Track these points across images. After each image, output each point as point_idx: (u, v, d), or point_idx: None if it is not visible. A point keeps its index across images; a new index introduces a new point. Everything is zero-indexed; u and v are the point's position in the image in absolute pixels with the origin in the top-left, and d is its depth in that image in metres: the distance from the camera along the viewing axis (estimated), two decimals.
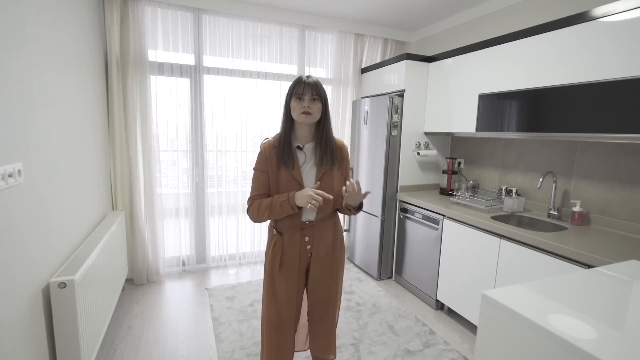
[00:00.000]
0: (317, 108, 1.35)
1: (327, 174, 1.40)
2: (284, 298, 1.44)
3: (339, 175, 1.45)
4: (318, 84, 1.35)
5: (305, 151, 1.41)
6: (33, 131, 1.41)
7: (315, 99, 1.34)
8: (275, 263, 1.43)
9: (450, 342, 2.17)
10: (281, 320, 1.45)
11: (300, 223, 1.41)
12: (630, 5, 1.59)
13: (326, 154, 1.39)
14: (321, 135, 1.40)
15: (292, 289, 1.44)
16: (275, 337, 1.46)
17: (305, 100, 1.32)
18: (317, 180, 1.38)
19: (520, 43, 2.13)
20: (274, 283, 1.45)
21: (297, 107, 1.33)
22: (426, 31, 3.35)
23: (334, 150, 1.42)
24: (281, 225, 1.43)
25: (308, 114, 1.33)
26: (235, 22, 2.96)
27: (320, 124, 1.40)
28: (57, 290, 1.46)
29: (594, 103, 1.73)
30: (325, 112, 1.38)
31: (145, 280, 2.88)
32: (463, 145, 3.01)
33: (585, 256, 1.57)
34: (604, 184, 2.03)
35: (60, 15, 1.75)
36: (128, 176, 2.74)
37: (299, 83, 1.33)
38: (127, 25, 2.59)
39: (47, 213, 1.52)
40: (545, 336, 0.79)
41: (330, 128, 1.43)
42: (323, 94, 1.36)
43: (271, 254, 1.45)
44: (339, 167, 1.45)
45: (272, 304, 1.46)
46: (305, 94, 1.32)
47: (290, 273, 1.43)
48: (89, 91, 2.19)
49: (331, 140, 1.42)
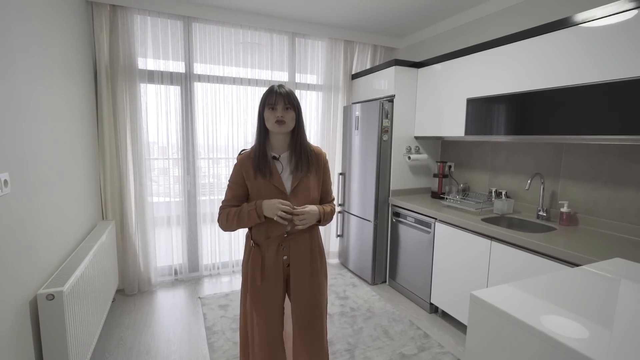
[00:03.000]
0: (291, 117, 1.36)
1: (304, 181, 1.40)
2: (272, 312, 1.41)
3: (315, 182, 1.44)
4: (290, 93, 1.36)
5: (282, 161, 1.41)
6: (20, 141, 1.40)
7: (289, 108, 1.34)
8: (256, 275, 1.40)
9: (444, 345, 2.17)
10: (272, 337, 1.41)
11: (277, 235, 1.39)
12: (610, 11, 1.64)
13: (301, 161, 1.40)
14: (295, 143, 1.40)
15: (275, 299, 1.42)
16: (269, 356, 1.41)
17: (278, 110, 1.33)
18: (294, 188, 1.38)
19: (505, 49, 2.18)
20: (258, 297, 1.41)
21: (270, 117, 1.34)
22: (414, 37, 3.41)
23: (309, 157, 1.42)
24: (257, 237, 1.42)
25: (282, 122, 1.33)
26: (226, 30, 2.98)
27: (294, 133, 1.41)
28: (45, 302, 1.44)
29: (576, 106, 1.78)
30: (298, 121, 1.39)
31: (137, 291, 2.84)
32: (453, 149, 3.05)
33: (573, 255, 1.59)
34: (589, 185, 2.07)
35: (48, 24, 1.74)
36: (118, 185, 2.72)
37: (271, 93, 1.34)
38: (117, 34, 2.59)
39: (34, 223, 1.50)
40: (534, 335, 0.80)
41: (305, 135, 1.44)
42: (296, 103, 1.37)
43: (250, 266, 1.42)
44: (316, 174, 1.44)
45: (260, 320, 1.41)
46: (277, 103, 1.33)
47: (273, 285, 1.41)
48: (77, 100, 2.17)
49: (306, 147, 1.42)
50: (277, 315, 1.44)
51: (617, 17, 1.62)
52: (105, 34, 2.55)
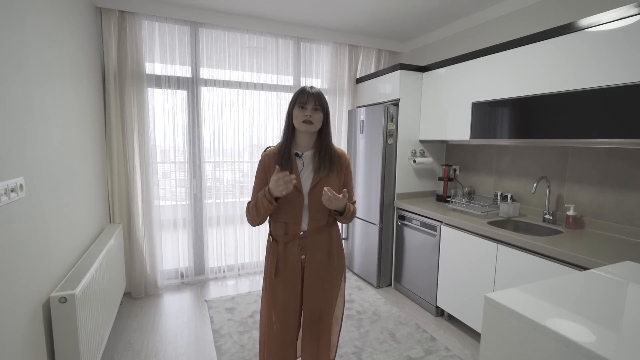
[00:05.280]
0: (319, 118, 1.39)
1: (324, 180, 1.42)
2: (284, 306, 1.44)
3: (337, 182, 1.46)
4: (320, 94, 1.39)
5: (304, 159, 1.44)
6: (33, 145, 1.42)
7: (317, 109, 1.38)
8: (272, 269, 1.44)
9: (451, 348, 2.17)
10: (281, 329, 1.45)
11: (294, 233, 1.42)
12: (616, 16, 1.66)
13: (324, 162, 1.42)
14: (321, 144, 1.43)
15: (291, 297, 1.44)
16: (275, 346, 1.45)
17: (307, 110, 1.37)
18: (312, 186, 1.40)
19: (510, 53, 2.20)
20: (273, 290, 1.46)
21: (299, 115, 1.37)
22: (419, 42, 3.43)
23: (333, 158, 1.45)
24: (275, 233, 1.46)
25: (309, 122, 1.37)
26: (232, 35, 3.01)
27: (321, 133, 1.44)
28: (58, 305, 1.45)
29: (581, 110, 1.79)
30: (326, 122, 1.43)
31: (144, 294, 2.85)
32: (458, 152, 3.06)
33: (580, 259, 1.60)
34: (595, 188, 2.08)
35: (59, 30, 1.77)
36: (125, 188, 2.74)
37: (303, 93, 1.38)
38: (125, 39, 2.62)
39: (47, 227, 1.52)
40: (550, 336, 0.81)
41: (330, 137, 1.47)
42: (325, 105, 1.41)
43: (269, 261, 1.47)
44: (337, 175, 1.46)
45: (272, 311, 1.46)
46: (308, 103, 1.36)
47: (288, 281, 1.44)
48: (86, 105, 2.20)
49: (331, 148, 1.45)
50: (293, 314, 1.46)
51: (622, 22, 1.64)
52: (114, 39, 2.58)
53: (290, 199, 1.38)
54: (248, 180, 3.30)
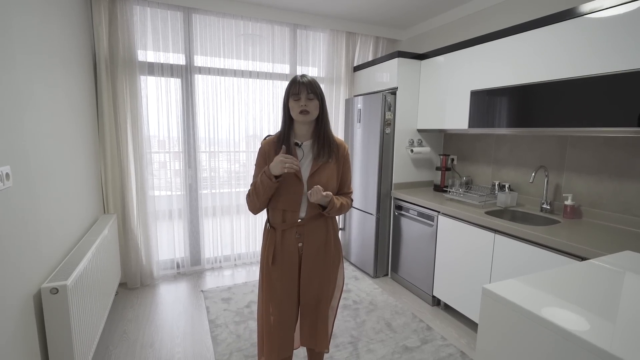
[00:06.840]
0: (314, 105, 1.37)
1: (323, 167, 1.41)
2: (281, 295, 1.44)
3: (335, 170, 1.44)
4: (313, 82, 1.36)
5: (303, 148, 1.43)
6: (20, 134, 1.38)
7: (312, 98, 1.36)
8: (269, 257, 1.44)
9: (447, 337, 2.18)
10: (279, 317, 1.44)
11: (292, 221, 1.42)
12: (618, 1, 1.61)
13: (323, 149, 1.41)
14: (319, 132, 1.42)
15: (289, 285, 1.44)
16: (273, 335, 1.45)
17: (302, 100, 1.35)
18: (312, 173, 1.39)
19: (508, 40, 2.15)
20: (270, 279, 1.45)
21: (295, 106, 1.36)
22: (417, 29, 3.37)
23: (332, 145, 1.44)
24: (273, 221, 1.45)
25: (306, 112, 1.35)
26: (226, 21, 2.93)
27: (318, 121, 1.42)
28: (49, 296, 1.43)
29: (579, 98, 1.76)
30: (322, 109, 1.40)
31: (139, 284, 2.84)
32: (456, 142, 3.03)
33: (577, 248, 1.59)
34: (594, 177, 2.06)
35: (47, 16, 1.71)
36: (119, 178, 2.70)
37: (294, 83, 1.36)
38: (116, 25, 2.55)
39: (36, 217, 1.48)
40: (547, 327, 0.79)
41: (329, 124, 1.45)
42: (319, 92, 1.38)
43: (266, 248, 1.46)
44: (336, 162, 1.45)
45: (270, 300, 1.45)
46: (301, 93, 1.34)
47: (285, 269, 1.43)
48: (77, 93, 2.15)
49: (329, 136, 1.44)
50: (290, 303, 1.45)
51: (621, 8, 1.60)
52: (105, 26, 2.51)
53: (289, 186, 1.38)
54: (244, 171, 3.26)
